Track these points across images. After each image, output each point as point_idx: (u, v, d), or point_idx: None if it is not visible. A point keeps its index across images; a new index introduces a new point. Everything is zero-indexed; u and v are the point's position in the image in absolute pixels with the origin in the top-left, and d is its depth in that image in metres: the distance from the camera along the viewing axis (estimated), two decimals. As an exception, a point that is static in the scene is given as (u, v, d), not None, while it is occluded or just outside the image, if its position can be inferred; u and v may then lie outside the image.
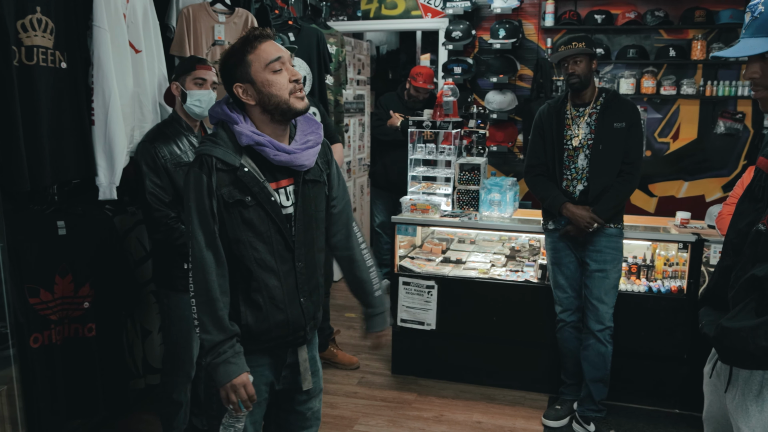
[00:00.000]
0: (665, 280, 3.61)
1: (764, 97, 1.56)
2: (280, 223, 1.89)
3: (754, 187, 1.70)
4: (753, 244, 1.60)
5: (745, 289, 1.57)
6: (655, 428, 3.35)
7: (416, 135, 4.14)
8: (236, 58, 1.84)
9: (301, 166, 1.91)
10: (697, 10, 4.91)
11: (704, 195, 5.30)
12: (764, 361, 1.51)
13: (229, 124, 1.86)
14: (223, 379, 1.80)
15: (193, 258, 1.81)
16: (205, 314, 1.80)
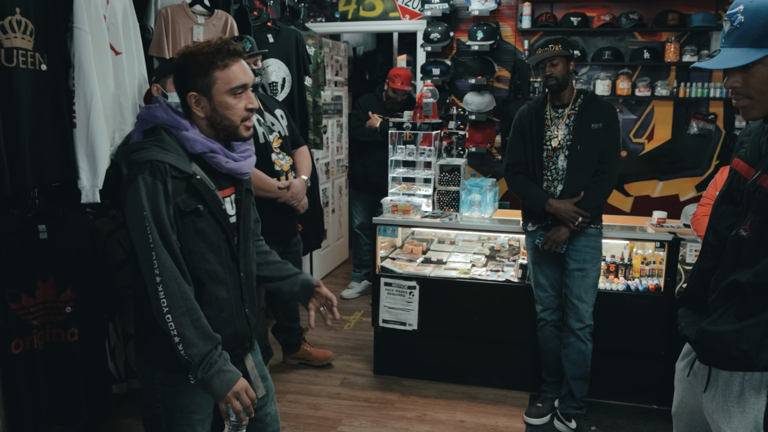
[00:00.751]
0: (643, 278, 3.67)
1: (746, 105, 1.57)
2: (228, 232, 1.85)
3: (731, 190, 1.70)
4: (734, 250, 1.61)
5: (726, 294, 1.59)
6: (634, 424, 3.41)
7: (396, 136, 4.16)
8: (201, 69, 1.77)
9: (244, 175, 1.90)
10: (670, 13, 5.01)
11: (678, 194, 5.40)
12: (745, 364, 1.53)
13: (176, 129, 1.79)
14: (222, 390, 1.71)
15: (162, 271, 1.67)
16: (187, 327, 1.69)
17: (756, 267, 1.52)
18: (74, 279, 2.75)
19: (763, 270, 1.51)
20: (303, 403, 3.63)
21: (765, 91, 1.51)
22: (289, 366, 4.07)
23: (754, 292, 1.53)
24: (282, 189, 3.35)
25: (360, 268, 5.50)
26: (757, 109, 1.55)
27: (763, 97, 1.52)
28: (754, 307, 1.53)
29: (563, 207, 3.16)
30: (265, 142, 3.35)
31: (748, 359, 1.51)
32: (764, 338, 1.49)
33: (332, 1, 5.88)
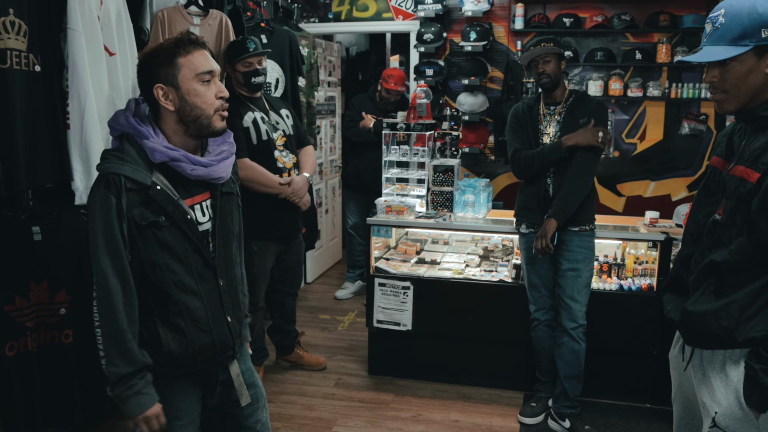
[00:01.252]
0: (635, 278, 3.69)
1: (721, 99, 1.73)
2: (197, 241, 1.80)
3: (708, 183, 1.87)
4: (710, 233, 1.77)
5: (704, 274, 1.76)
6: (627, 423, 3.43)
7: (389, 137, 4.17)
8: (163, 58, 1.73)
9: (218, 179, 1.84)
10: (662, 15, 5.04)
11: (670, 194, 5.44)
12: (727, 340, 1.70)
13: (137, 138, 1.74)
14: (134, 411, 1.71)
15: (98, 286, 1.69)
16: (112, 346, 1.68)
17: (730, 246, 1.69)
18: (68, 281, 2.74)
19: (736, 249, 1.68)
20: (298, 403, 3.63)
21: (739, 86, 1.67)
22: (283, 367, 4.07)
23: (730, 270, 1.70)
24: (283, 185, 3.39)
25: (353, 268, 5.50)
26: (731, 103, 1.72)
27: (738, 91, 1.68)
28: (731, 285, 1.70)
29: (582, 134, 3.13)
30: (268, 139, 3.40)
31: (729, 334, 1.68)
32: (742, 314, 1.67)
33: (325, 2, 5.88)
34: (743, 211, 1.67)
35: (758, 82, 1.66)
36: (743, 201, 1.67)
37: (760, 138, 1.69)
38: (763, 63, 1.64)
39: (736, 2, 1.65)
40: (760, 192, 1.63)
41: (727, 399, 1.72)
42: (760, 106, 1.69)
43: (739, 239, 1.68)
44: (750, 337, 1.66)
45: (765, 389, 1.63)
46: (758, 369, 1.64)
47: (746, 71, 1.65)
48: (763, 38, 1.61)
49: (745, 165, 1.69)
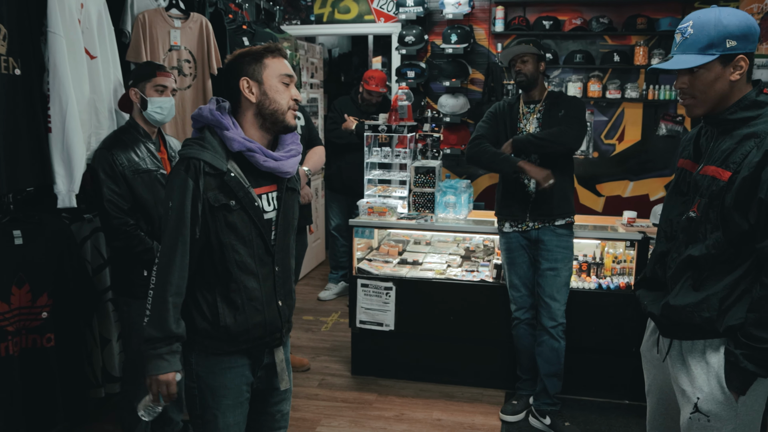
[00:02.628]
0: (614, 277, 3.75)
1: (690, 104, 1.87)
2: (261, 227, 1.94)
3: (679, 184, 2.01)
4: (685, 230, 1.90)
5: (682, 268, 1.89)
6: (606, 419, 3.49)
7: (371, 139, 4.20)
8: (253, 57, 1.92)
9: (286, 173, 1.99)
10: (639, 18, 5.12)
11: (648, 194, 5.52)
12: (708, 331, 1.83)
13: (218, 129, 1.90)
14: (151, 370, 1.85)
15: (161, 256, 1.85)
16: (155, 309, 1.84)
17: (707, 241, 1.82)
18: (50, 284, 2.74)
19: (713, 243, 1.81)
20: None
21: (706, 92, 1.82)
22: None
23: (707, 263, 1.82)
24: None
25: (337, 269, 5.52)
26: (699, 107, 1.86)
27: (705, 97, 1.83)
28: (709, 278, 1.84)
29: (537, 169, 3.17)
30: None
31: (711, 325, 1.82)
32: (722, 305, 1.81)
33: (307, 4, 5.90)
34: (717, 208, 1.79)
35: (723, 88, 1.81)
36: (716, 198, 1.79)
37: (727, 140, 1.83)
38: (728, 71, 1.79)
39: (703, 14, 1.79)
40: (732, 189, 1.76)
41: (708, 385, 1.84)
42: (726, 110, 1.83)
43: (715, 234, 1.80)
44: (730, 326, 1.79)
45: (745, 372, 1.77)
46: (738, 354, 1.77)
47: (713, 78, 1.80)
48: (728, 48, 1.76)
49: (716, 165, 1.81)
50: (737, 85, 1.81)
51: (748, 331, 1.76)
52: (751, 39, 1.77)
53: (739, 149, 1.77)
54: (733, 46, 1.76)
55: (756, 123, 1.79)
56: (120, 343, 3.20)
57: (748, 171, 1.73)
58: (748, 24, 1.77)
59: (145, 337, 1.85)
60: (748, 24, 1.77)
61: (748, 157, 1.74)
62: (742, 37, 1.76)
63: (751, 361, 1.75)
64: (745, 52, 1.78)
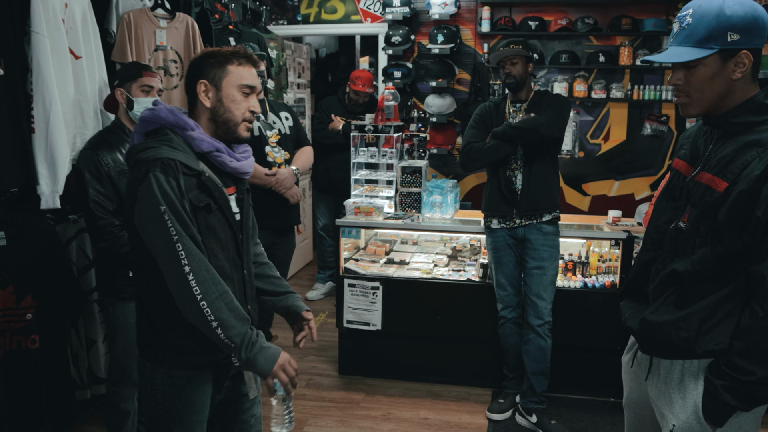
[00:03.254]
0: (599, 275, 3.78)
1: (685, 102, 1.69)
2: (235, 229, 1.90)
3: (671, 187, 1.84)
4: (673, 241, 1.74)
5: (665, 283, 1.73)
6: (592, 416, 3.51)
7: (358, 139, 4.21)
8: (217, 60, 1.85)
9: (245, 174, 1.95)
10: (624, 18, 5.15)
11: (634, 193, 5.56)
12: (685, 351, 1.67)
13: (182, 130, 1.83)
14: (268, 365, 1.75)
15: (191, 260, 1.69)
16: (224, 311, 1.71)
17: (693, 257, 1.65)
18: (35, 286, 2.72)
19: (699, 259, 1.64)
20: (268, 404, 3.63)
21: (703, 90, 1.63)
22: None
23: (692, 280, 1.66)
24: (269, 175, 3.52)
25: (324, 269, 5.52)
26: (694, 107, 1.68)
27: (701, 95, 1.64)
28: (692, 295, 1.66)
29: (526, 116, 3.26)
30: (261, 135, 3.55)
31: (688, 346, 1.66)
32: (702, 325, 1.64)
33: (294, 4, 5.89)
34: (708, 221, 1.62)
35: (722, 87, 1.62)
36: (709, 210, 1.62)
37: (728, 145, 1.64)
38: (728, 68, 1.60)
39: (705, 3, 1.60)
40: (727, 202, 1.58)
41: (685, 412, 1.71)
42: (731, 112, 1.64)
43: (702, 249, 1.64)
44: (708, 350, 1.64)
45: (724, 405, 1.62)
46: (718, 385, 1.61)
47: (711, 75, 1.62)
48: (729, 42, 1.57)
49: (713, 173, 1.64)
50: (739, 84, 1.62)
51: (732, 360, 1.59)
52: (757, 33, 1.57)
53: (739, 158, 1.59)
54: (735, 40, 1.56)
55: (761, 130, 1.60)
56: (106, 344, 3.18)
57: (746, 185, 1.55)
58: (755, 15, 1.56)
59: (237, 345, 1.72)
60: (755, 15, 1.56)
61: (748, 168, 1.56)
62: (746, 30, 1.56)
63: (731, 394, 1.59)
64: (750, 47, 1.58)
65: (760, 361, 1.55)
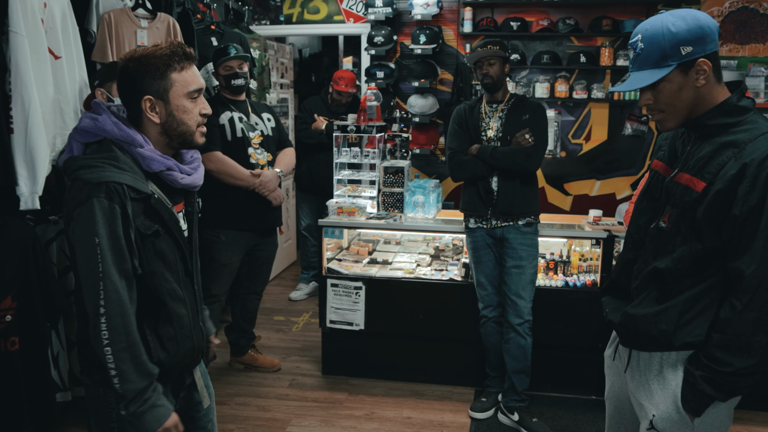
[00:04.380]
0: (580, 274, 3.81)
1: (660, 118, 1.75)
2: (184, 248, 1.82)
3: (651, 188, 1.90)
4: (654, 240, 1.80)
5: (648, 280, 1.80)
6: (573, 414, 3.55)
7: (341, 139, 4.21)
8: (158, 71, 1.70)
9: (196, 187, 1.87)
10: (605, 19, 5.21)
11: (615, 193, 5.61)
12: (663, 344, 1.75)
13: (130, 146, 1.70)
14: (152, 425, 1.66)
15: (108, 302, 1.59)
16: (126, 362, 1.62)
17: (674, 254, 1.72)
18: (14, 287, 2.70)
19: (680, 257, 1.71)
20: (252, 405, 3.65)
21: (674, 103, 1.70)
22: (237, 369, 4.08)
23: (673, 277, 1.73)
24: (252, 177, 3.56)
25: (308, 269, 5.52)
26: (670, 120, 1.74)
27: (674, 109, 1.71)
28: (673, 291, 1.74)
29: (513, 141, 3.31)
30: (243, 137, 3.58)
31: (666, 337, 1.73)
32: (680, 318, 1.72)
33: (276, 4, 5.89)
34: (688, 220, 1.69)
35: (691, 96, 1.68)
36: (688, 210, 1.69)
37: (705, 146, 1.70)
38: (691, 77, 1.66)
39: (650, 26, 1.68)
40: (705, 201, 1.64)
41: (664, 402, 1.76)
42: (706, 115, 1.70)
43: (682, 248, 1.70)
44: (687, 342, 1.71)
45: (702, 395, 1.68)
46: (698, 375, 1.67)
47: (677, 89, 1.67)
48: (684, 55, 1.63)
49: (691, 173, 1.70)
50: (706, 89, 1.68)
51: (711, 352, 1.66)
52: (707, 39, 1.63)
53: (715, 159, 1.65)
54: (689, 52, 1.63)
55: (736, 131, 1.66)
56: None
57: (722, 184, 1.61)
58: (699, 25, 1.63)
59: (129, 399, 1.63)
60: (699, 25, 1.63)
61: (724, 168, 1.62)
62: (696, 40, 1.62)
63: (710, 384, 1.66)
64: (705, 54, 1.64)
65: (737, 352, 1.62)
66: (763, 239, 1.58)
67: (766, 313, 1.60)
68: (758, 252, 1.59)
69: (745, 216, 1.59)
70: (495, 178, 3.33)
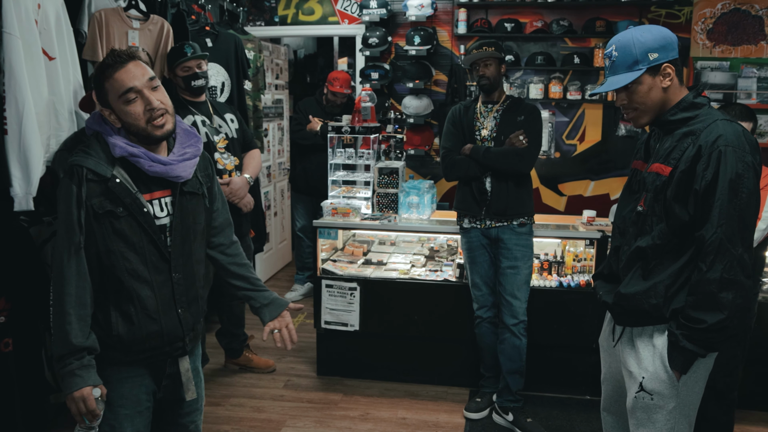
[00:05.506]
0: (574, 275, 3.83)
1: (634, 116, 2.04)
2: (153, 233, 1.89)
3: (631, 183, 2.18)
4: (635, 224, 2.06)
5: (632, 260, 2.04)
6: (568, 414, 3.56)
7: (335, 140, 4.22)
8: (97, 81, 1.87)
9: (177, 177, 1.93)
10: (598, 21, 5.22)
11: (609, 193, 5.63)
12: (656, 317, 1.98)
13: (103, 135, 1.88)
14: (66, 389, 1.80)
15: (54, 271, 1.83)
16: (57, 327, 1.80)
17: (653, 233, 1.98)
18: (8, 288, 2.70)
19: (658, 234, 1.96)
20: (247, 406, 3.65)
21: (645, 102, 1.99)
22: (232, 370, 4.07)
23: (654, 253, 1.98)
24: (221, 185, 3.39)
25: (303, 270, 5.52)
26: (643, 117, 2.03)
27: (645, 107, 2.00)
28: (656, 268, 1.99)
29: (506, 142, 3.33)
30: (208, 141, 3.44)
31: (657, 311, 1.96)
32: (667, 292, 1.95)
33: (271, 5, 5.88)
34: (660, 201, 1.96)
35: (658, 95, 1.98)
36: (660, 192, 1.96)
37: (669, 139, 2.00)
38: (657, 80, 1.96)
39: (622, 37, 1.98)
40: (672, 183, 1.92)
41: (653, 365, 1.99)
42: (668, 112, 2.00)
43: (659, 225, 1.96)
44: (674, 309, 1.94)
45: (685, 351, 1.91)
46: (678, 334, 1.91)
47: (647, 89, 1.97)
48: (652, 60, 1.94)
49: (659, 162, 1.98)
50: (671, 90, 1.97)
51: (687, 312, 1.89)
52: (669, 48, 1.94)
53: (678, 146, 1.94)
54: (656, 58, 1.93)
55: (693, 122, 1.95)
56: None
57: (684, 165, 1.89)
58: (662, 35, 1.95)
59: (54, 356, 1.81)
60: (662, 35, 1.95)
61: (685, 153, 1.90)
62: (660, 48, 1.93)
63: (690, 341, 1.89)
64: (669, 60, 1.95)
65: (708, 310, 1.85)
66: (719, 207, 1.83)
67: (727, 272, 1.83)
68: (716, 218, 1.84)
69: (704, 189, 1.86)
70: (488, 178, 3.34)
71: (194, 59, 3.41)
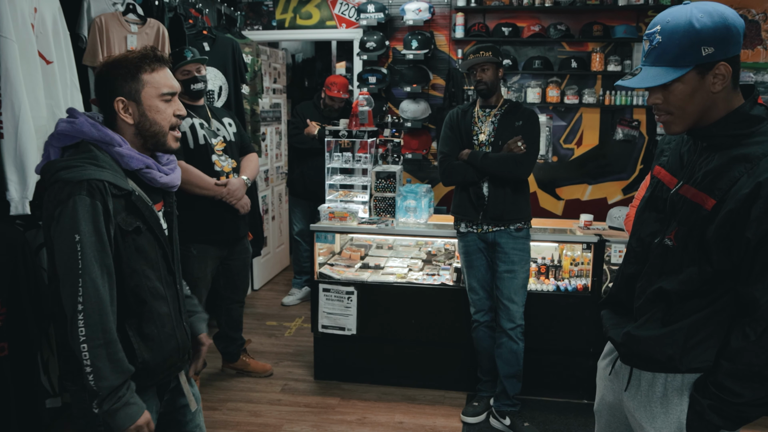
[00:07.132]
0: (572, 279, 3.82)
1: (667, 121, 1.61)
2: (165, 247, 1.85)
3: (654, 198, 1.77)
4: (659, 257, 1.68)
5: (652, 300, 1.68)
6: (565, 419, 3.55)
7: (333, 144, 4.22)
8: (129, 72, 1.76)
9: (175, 187, 1.92)
10: (595, 25, 5.24)
11: (606, 197, 5.64)
12: (668, 367, 1.65)
13: (108, 146, 1.74)
14: (125, 423, 1.67)
15: (86, 298, 1.61)
16: (103, 359, 1.63)
17: (680, 276, 1.61)
18: (3, 292, 2.68)
19: (687, 278, 1.59)
20: (244, 410, 3.64)
21: (684, 107, 1.56)
22: (229, 374, 4.07)
23: (679, 298, 1.62)
24: (218, 186, 3.44)
25: (300, 274, 5.52)
26: (677, 124, 1.60)
27: (683, 113, 1.57)
28: (678, 312, 1.63)
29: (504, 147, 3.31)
30: (206, 144, 3.46)
31: (672, 362, 1.63)
32: (687, 342, 1.61)
33: (269, 10, 5.89)
34: (696, 239, 1.57)
35: (704, 101, 1.55)
36: (697, 228, 1.57)
37: (714, 159, 1.58)
38: (707, 81, 1.52)
39: (672, 18, 1.51)
40: (715, 221, 1.52)
41: (668, 428, 1.67)
42: (715, 125, 1.58)
43: (690, 269, 1.59)
44: (694, 367, 1.62)
45: (710, 425, 1.58)
46: (706, 405, 1.58)
47: (690, 92, 1.54)
48: (704, 56, 1.49)
49: (699, 188, 1.58)
50: (721, 95, 1.54)
51: (720, 381, 1.56)
52: (731, 41, 1.49)
53: (726, 174, 1.52)
54: (710, 53, 1.48)
55: (748, 143, 1.53)
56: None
57: (734, 204, 1.49)
58: (725, 24, 1.48)
59: (102, 396, 1.64)
60: (725, 24, 1.48)
61: (736, 185, 1.49)
62: (719, 41, 1.48)
63: (718, 414, 1.56)
64: (727, 57, 1.50)
65: (749, 383, 1.52)
66: None
67: None
68: None
69: (759, 239, 1.47)
70: (486, 183, 3.34)
71: (194, 63, 3.43)
